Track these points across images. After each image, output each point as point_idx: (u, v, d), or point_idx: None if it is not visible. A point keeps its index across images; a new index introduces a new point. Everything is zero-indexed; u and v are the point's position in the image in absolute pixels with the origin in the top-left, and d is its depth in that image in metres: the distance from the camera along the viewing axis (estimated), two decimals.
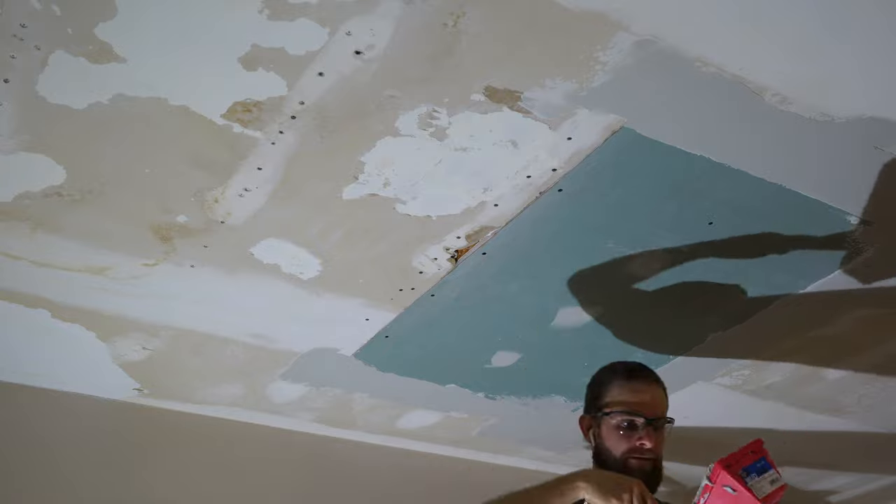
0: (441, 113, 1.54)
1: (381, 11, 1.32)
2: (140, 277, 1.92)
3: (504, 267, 1.97)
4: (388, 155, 1.62)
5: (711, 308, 2.20)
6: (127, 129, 1.53)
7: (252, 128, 1.54)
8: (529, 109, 1.54)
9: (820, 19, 1.36)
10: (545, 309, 2.16)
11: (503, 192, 1.74)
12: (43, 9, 1.29)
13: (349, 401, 2.55)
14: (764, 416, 2.82)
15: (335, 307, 2.07)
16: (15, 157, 1.57)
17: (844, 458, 3.28)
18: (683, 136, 1.62)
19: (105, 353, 2.22)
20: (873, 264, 2.02)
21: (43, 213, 1.71)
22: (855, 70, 1.47)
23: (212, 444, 2.55)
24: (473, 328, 2.20)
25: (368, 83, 1.46)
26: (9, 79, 1.41)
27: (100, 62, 1.39)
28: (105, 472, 2.36)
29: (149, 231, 1.78)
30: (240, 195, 1.70)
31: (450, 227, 1.83)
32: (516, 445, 2.97)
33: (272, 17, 1.32)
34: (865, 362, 2.51)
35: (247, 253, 1.87)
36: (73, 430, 2.36)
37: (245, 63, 1.41)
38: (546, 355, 2.35)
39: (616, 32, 1.37)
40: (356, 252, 1.89)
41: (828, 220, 1.87)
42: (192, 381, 2.39)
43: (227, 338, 2.19)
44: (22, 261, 1.85)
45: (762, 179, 1.74)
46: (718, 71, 1.45)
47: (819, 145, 1.64)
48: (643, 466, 1.57)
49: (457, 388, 2.49)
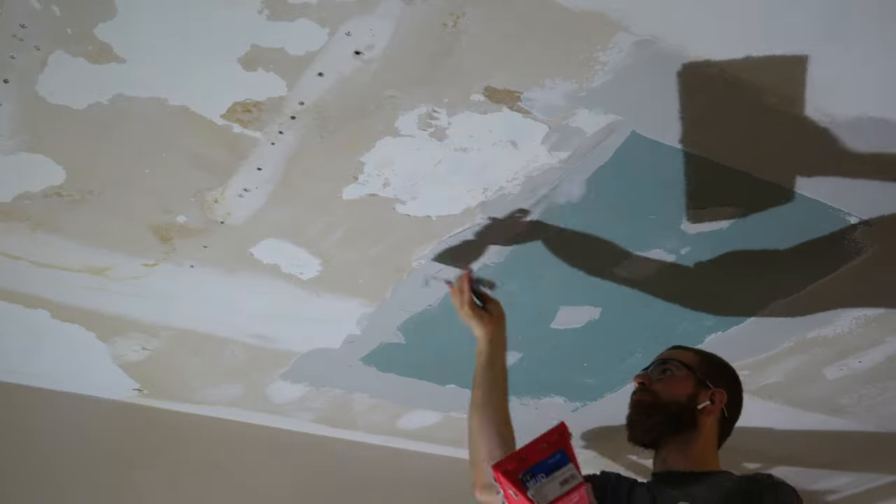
0: (441, 113, 1.54)
1: (381, 12, 1.32)
2: (140, 277, 1.92)
3: (504, 267, 1.97)
4: (387, 155, 1.62)
5: (711, 308, 2.21)
6: (127, 129, 1.53)
7: (252, 128, 1.54)
8: (529, 109, 1.54)
9: (820, 20, 1.36)
10: (545, 309, 2.16)
11: (503, 191, 1.74)
12: (43, 9, 1.29)
13: (349, 401, 2.55)
14: (764, 416, 2.82)
15: (335, 307, 2.07)
16: (15, 157, 1.57)
17: (844, 458, 3.28)
18: (683, 136, 1.62)
19: (105, 354, 2.22)
20: (873, 264, 2.02)
21: (43, 213, 1.71)
22: (855, 70, 1.47)
23: (212, 445, 2.54)
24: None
25: (368, 83, 1.46)
26: (9, 79, 1.40)
27: (100, 62, 1.39)
28: (105, 472, 2.36)
29: (149, 231, 1.78)
30: (239, 195, 1.70)
31: (450, 228, 1.83)
32: (516, 445, 2.96)
33: (272, 18, 1.32)
34: (865, 362, 2.51)
35: (247, 253, 1.87)
36: (73, 430, 2.36)
37: (245, 63, 1.41)
38: (546, 355, 2.35)
39: (616, 32, 1.37)
40: (356, 252, 1.89)
41: (828, 220, 1.87)
42: (191, 381, 2.38)
43: (227, 338, 2.19)
44: (22, 261, 1.85)
45: (762, 179, 1.74)
46: (718, 71, 1.45)
47: (819, 145, 1.64)
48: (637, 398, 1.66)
49: (457, 388, 2.49)
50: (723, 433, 1.64)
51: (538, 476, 1.23)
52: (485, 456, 1.63)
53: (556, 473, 1.24)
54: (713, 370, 1.66)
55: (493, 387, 1.72)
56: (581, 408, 2.66)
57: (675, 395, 1.61)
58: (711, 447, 1.61)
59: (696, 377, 1.63)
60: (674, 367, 1.64)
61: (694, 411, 1.60)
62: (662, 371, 1.65)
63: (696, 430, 1.59)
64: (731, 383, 1.67)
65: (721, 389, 1.62)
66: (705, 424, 1.60)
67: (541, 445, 1.26)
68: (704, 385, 1.62)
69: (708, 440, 1.61)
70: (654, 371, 1.66)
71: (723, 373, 1.68)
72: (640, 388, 1.66)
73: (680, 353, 1.70)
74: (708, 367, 1.66)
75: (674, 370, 1.64)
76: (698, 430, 1.59)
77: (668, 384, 1.63)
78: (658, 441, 1.62)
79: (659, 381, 1.64)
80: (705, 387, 1.62)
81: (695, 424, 1.59)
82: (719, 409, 1.62)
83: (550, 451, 1.26)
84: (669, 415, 1.60)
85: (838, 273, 2.06)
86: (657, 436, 1.61)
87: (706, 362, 1.68)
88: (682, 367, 1.64)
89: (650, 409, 1.61)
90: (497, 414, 1.69)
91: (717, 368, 1.68)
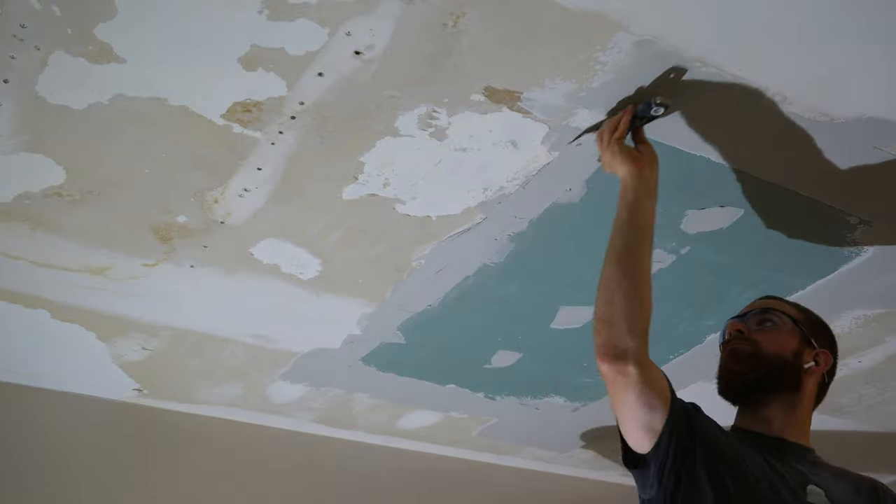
0: (441, 113, 1.54)
1: (381, 12, 1.32)
2: (140, 277, 1.92)
3: (504, 267, 1.97)
4: (387, 155, 1.62)
5: (711, 308, 2.21)
6: (127, 129, 1.53)
7: (252, 128, 1.54)
8: (529, 109, 1.54)
9: (820, 19, 1.36)
10: (545, 309, 2.16)
11: (503, 191, 1.74)
12: (43, 9, 1.29)
13: (349, 401, 2.55)
14: None
15: (335, 307, 2.07)
16: (15, 157, 1.57)
17: (844, 458, 3.27)
18: (683, 137, 1.62)
19: (105, 354, 2.22)
20: (873, 264, 2.02)
21: (43, 213, 1.71)
22: (855, 70, 1.47)
23: (212, 445, 2.55)
24: (473, 328, 2.20)
25: (368, 83, 1.46)
26: (9, 79, 1.41)
27: (100, 62, 1.39)
28: (105, 472, 2.36)
29: (149, 231, 1.78)
30: (240, 195, 1.70)
31: (450, 228, 1.83)
32: (516, 445, 2.97)
33: (272, 18, 1.32)
34: (865, 362, 2.51)
35: (247, 253, 1.87)
36: (73, 430, 2.36)
37: (245, 63, 1.41)
38: (546, 355, 2.35)
39: (616, 32, 1.37)
40: (356, 252, 1.89)
41: (828, 220, 1.87)
42: (191, 381, 2.38)
43: (227, 338, 2.19)
44: (22, 261, 1.85)
45: (762, 179, 1.74)
46: (718, 71, 1.45)
47: (819, 145, 1.64)
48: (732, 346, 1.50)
49: (457, 388, 2.49)
50: (819, 400, 1.50)
51: None
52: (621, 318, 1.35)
53: None
54: (818, 329, 1.51)
55: (640, 233, 1.41)
56: (581, 408, 2.66)
57: (780, 349, 1.45)
58: (810, 415, 1.46)
59: (802, 332, 1.47)
60: (777, 317, 1.49)
61: (800, 370, 1.44)
62: (763, 321, 1.49)
63: (800, 391, 1.44)
64: (832, 346, 1.51)
65: (826, 351, 1.48)
66: (807, 387, 1.45)
67: None
68: (810, 343, 1.47)
69: (809, 406, 1.46)
70: (752, 320, 1.50)
71: (827, 333, 1.52)
72: (736, 336, 1.49)
73: (782, 304, 1.54)
74: (813, 324, 1.51)
75: (777, 321, 1.48)
76: (802, 393, 1.44)
77: (771, 335, 1.46)
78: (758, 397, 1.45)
79: (759, 331, 1.48)
80: (810, 345, 1.46)
81: (799, 385, 1.44)
82: (822, 372, 1.47)
83: None
84: (775, 369, 1.43)
85: (838, 273, 2.06)
86: (760, 391, 1.45)
87: (811, 319, 1.52)
88: (786, 320, 1.49)
89: (752, 359, 1.44)
90: (640, 268, 1.39)
91: (822, 328, 1.52)
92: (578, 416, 2.70)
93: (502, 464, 3.07)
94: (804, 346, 1.47)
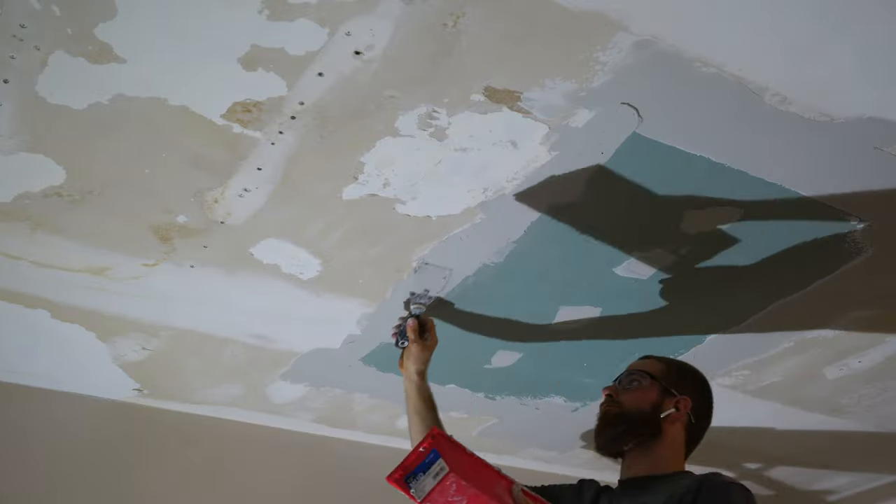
0: (441, 113, 1.54)
1: (381, 12, 1.32)
2: (140, 277, 1.92)
3: (504, 267, 1.97)
4: (387, 155, 1.62)
5: (711, 309, 2.21)
6: (127, 129, 1.53)
7: (252, 128, 1.54)
8: (529, 109, 1.54)
9: (820, 19, 1.36)
10: (545, 309, 2.16)
11: (503, 191, 1.74)
12: (43, 9, 1.29)
13: (349, 401, 2.55)
14: (764, 416, 2.82)
15: (335, 307, 2.07)
16: (15, 157, 1.57)
17: (844, 458, 3.28)
18: (683, 137, 1.62)
19: (105, 354, 2.22)
20: (873, 264, 2.02)
21: (43, 213, 1.71)
22: (855, 70, 1.47)
23: (212, 445, 2.54)
24: (473, 328, 2.20)
25: (368, 83, 1.46)
26: (9, 79, 1.41)
27: (100, 62, 1.39)
28: (105, 472, 2.36)
29: (149, 231, 1.78)
30: (240, 195, 1.70)
31: (450, 228, 1.83)
32: (516, 445, 2.97)
33: (272, 18, 1.32)
34: (865, 362, 2.51)
35: (247, 253, 1.87)
36: (73, 430, 2.36)
37: (245, 63, 1.41)
38: (546, 355, 2.35)
39: (616, 32, 1.37)
40: (356, 252, 1.89)
41: (828, 220, 1.87)
42: (191, 381, 2.38)
43: (227, 338, 2.19)
44: (22, 261, 1.85)
45: (762, 179, 1.74)
46: (718, 71, 1.45)
47: (819, 145, 1.64)
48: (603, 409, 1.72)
49: (457, 388, 2.49)
50: (691, 438, 1.68)
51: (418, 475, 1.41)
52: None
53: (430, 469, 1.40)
54: (679, 378, 1.71)
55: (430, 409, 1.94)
56: (581, 408, 2.66)
57: (640, 405, 1.66)
58: (677, 452, 1.65)
59: (660, 386, 1.67)
60: (640, 377, 1.69)
61: (657, 419, 1.64)
62: (630, 382, 1.70)
63: (660, 436, 1.64)
64: (697, 390, 1.71)
65: (686, 397, 1.67)
66: (670, 431, 1.64)
67: (418, 451, 1.43)
68: (669, 393, 1.66)
69: (673, 445, 1.65)
70: (622, 382, 1.71)
71: (689, 380, 1.72)
72: (606, 400, 1.71)
73: (647, 363, 1.75)
74: (674, 375, 1.71)
75: (640, 380, 1.69)
76: (662, 437, 1.64)
77: (633, 394, 1.68)
78: (622, 450, 1.66)
79: (626, 391, 1.69)
80: (670, 395, 1.66)
81: (658, 431, 1.64)
82: (685, 415, 1.66)
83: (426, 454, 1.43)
84: (632, 423, 1.64)
85: (838, 273, 2.06)
86: (621, 445, 1.66)
87: (673, 371, 1.72)
88: (647, 377, 1.69)
89: (615, 419, 1.66)
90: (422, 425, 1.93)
91: (684, 376, 1.73)
92: (578, 416, 2.70)
93: (502, 464, 3.04)
94: (664, 397, 1.66)
